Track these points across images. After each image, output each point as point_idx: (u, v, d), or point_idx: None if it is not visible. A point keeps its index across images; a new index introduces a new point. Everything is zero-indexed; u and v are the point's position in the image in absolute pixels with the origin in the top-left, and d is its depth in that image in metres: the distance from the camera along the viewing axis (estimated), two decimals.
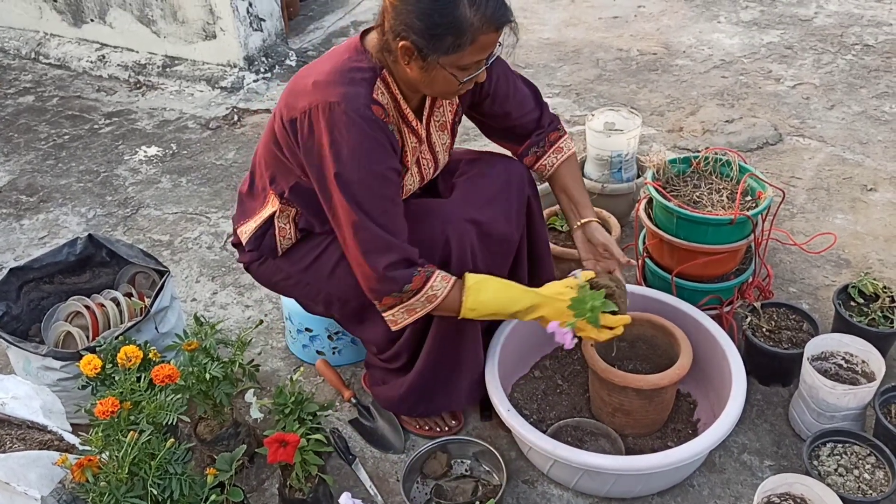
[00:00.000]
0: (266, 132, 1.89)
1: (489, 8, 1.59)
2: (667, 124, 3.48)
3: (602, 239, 1.98)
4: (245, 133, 3.72)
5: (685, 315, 2.10)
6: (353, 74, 1.69)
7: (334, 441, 2.06)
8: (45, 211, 3.24)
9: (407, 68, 1.67)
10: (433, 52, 1.61)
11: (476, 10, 1.58)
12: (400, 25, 1.61)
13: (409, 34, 1.60)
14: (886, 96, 3.56)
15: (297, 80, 1.78)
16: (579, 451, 1.80)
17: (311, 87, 1.69)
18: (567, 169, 2.06)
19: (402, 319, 1.79)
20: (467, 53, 1.63)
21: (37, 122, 3.95)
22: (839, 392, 1.90)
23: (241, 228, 2.00)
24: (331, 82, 1.68)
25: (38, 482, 1.62)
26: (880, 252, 2.64)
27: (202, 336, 1.92)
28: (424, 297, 1.74)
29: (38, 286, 2.32)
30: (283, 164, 1.83)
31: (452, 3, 1.57)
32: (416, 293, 1.73)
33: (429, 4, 1.57)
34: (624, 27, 4.44)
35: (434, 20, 1.57)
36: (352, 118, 1.64)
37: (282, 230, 1.93)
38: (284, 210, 1.89)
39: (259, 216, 1.93)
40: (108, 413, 1.62)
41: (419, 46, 1.61)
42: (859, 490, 1.78)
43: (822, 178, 3.05)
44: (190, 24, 4.16)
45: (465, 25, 1.58)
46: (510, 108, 1.98)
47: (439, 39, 1.59)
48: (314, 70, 1.75)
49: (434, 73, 1.66)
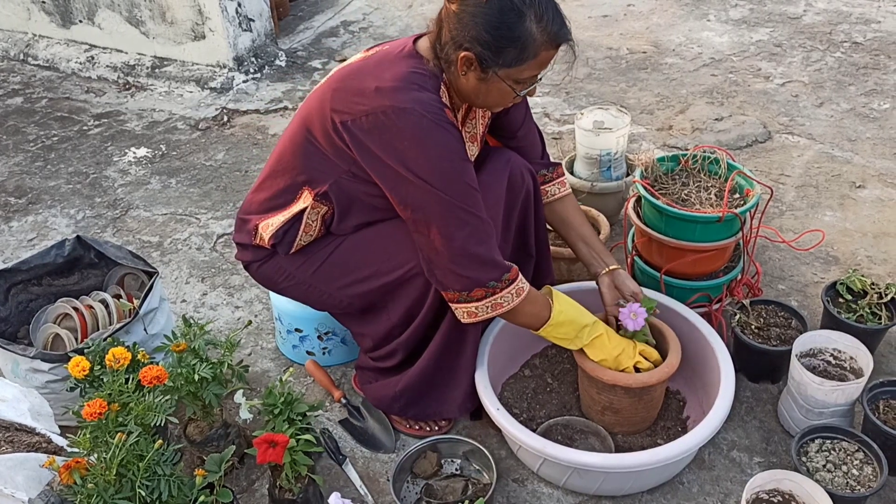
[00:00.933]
0: (293, 132, 1.87)
1: (554, 25, 1.65)
2: (656, 123, 3.48)
3: (633, 288, 2.02)
4: (235, 134, 3.71)
5: (674, 313, 2.10)
6: (419, 81, 1.70)
7: (324, 441, 2.05)
8: (34, 213, 3.23)
9: (463, 78, 1.70)
10: (495, 64, 1.65)
11: (541, 26, 1.63)
12: (463, 36, 1.64)
13: (474, 45, 1.63)
14: (875, 93, 3.57)
15: (344, 82, 1.76)
16: (568, 450, 1.81)
17: (373, 92, 1.68)
18: (575, 210, 2.16)
19: (484, 313, 1.80)
20: (527, 67, 1.68)
21: (25, 124, 3.94)
22: (827, 388, 1.90)
23: (265, 223, 1.94)
24: (399, 88, 1.67)
25: (26, 484, 1.61)
26: (869, 249, 2.65)
27: (191, 337, 1.92)
28: (515, 290, 1.78)
29: (26, 288, 2.31)
30: (322, 163, 1.82)
31: (519, 18, 1.61)
32: (511, 283, 1.77)
33: (496, 17, 1.61)
34: (614, 26, 4.45)
35: (501, 33, 1.62)
36: (431, 120, 1.66)
37: (308, 226, 1.91)
38: (316, 207, 1.87)
39: (288, 211, 1.90)
40: (96, 415, 1.61)
41: (482, 58, 1.64)
42: (847, 486, 1.79)
43: (810, 175, 3.06)
44: (179, 24, 4.14)
45: (529, 40, 1.63)
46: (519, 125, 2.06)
47: (503, 52, 1.64)
48: (368, 74, 1.73)
49: (490, 85, 1.70)
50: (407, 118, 1.65)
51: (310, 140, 1.82)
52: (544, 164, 2.13)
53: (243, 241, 2.02)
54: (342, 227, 1.90)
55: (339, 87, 1.76)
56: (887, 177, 3.01)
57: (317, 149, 1.81)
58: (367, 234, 1.89)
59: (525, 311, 1.83)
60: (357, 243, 1.91)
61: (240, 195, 3.20)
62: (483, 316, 1.81)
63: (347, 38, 4.57)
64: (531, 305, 1.83)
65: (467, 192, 1.71)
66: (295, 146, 1.86)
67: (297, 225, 1.90)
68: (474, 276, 1.75)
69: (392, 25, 4.66)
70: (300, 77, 4.17)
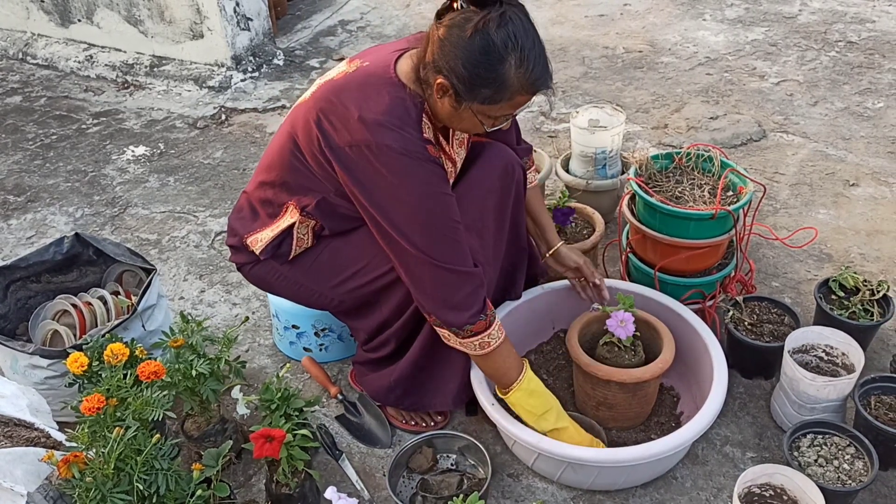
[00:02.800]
0: (280, 144, 1.87)
1: (534, 73, 1.63)
2: (652, 121, 3.50)
3: (573, 263, 2.15)
4: (233, 132, 3.72)
5: (668, 309, 2.12)
6: (401, 115, 1.68)
7: (321, 436, 2.07)
8: (33, 211, 3.24)
9: (439, 101, 1.70)
10: (468, 99, 1.64)
11: (521, 72, 1.61)
12: (443, 64, 1.63)
13: (451, 76, 1.62)
14: (869, 92, 3.59)
15: (329, 102, 1.73)
16: (563, 444, 1.82)
17: (356, 123, 1.67)
18: (536, 193, 2.20)
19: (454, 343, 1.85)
20: (500, 108, 1.67)
21: (24, 123, 3.95)
22: (819, 384, 1.92)
23: (253, 237, 1.96)
24: (381, 124, 1.66)
25: (25, 478, 1.63)
26: (861, 246, 2.67)
27: (189, 333, 1.93)
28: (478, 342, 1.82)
29: (25, 285, 2.32)
30: (308, 179, 1.83)
31: (499, 61, 1.59)
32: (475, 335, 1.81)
33: (477, 55, 1.59)
34: (610, 25, 4.47)
35: (478, 71, 1.60)
36: (412, 158, 1.66)
37: (300, 240, 1.93)
38: (305, 221, 1.89)
39: (276, 226, 1.91)
40: (95, 409, 1.63)
41: (457, 90, 1.63)
42: (839, 480, 1.80)
43: (804, 173, 3.07)
44: (177, 23, 4.16)
45: (505, 84, 1.62)
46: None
47: (477, 90, 1.63)
48: (351, 98, 1.71)
49: (462, 115, 1.70)
50: (389, 157, 1.65)
51: (296, 155, 1.82)
52: (524, 149, 2.15)
53: (235, 245, 2.03)
54: (333, 234, 1.93)
55: (324, 108, 1.74)
56: (881, 175, 3.02)
57: (304, 165, 1.82)
58: (356, 235, 1.91)
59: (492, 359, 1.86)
60: (346, 243, 1.92)
61: (238, 193, 3.20)
62: (453, 344, 1.85)
63: (345, 37, 4.59)
64: (498, 359, 1.86)
65: (446, 243, 1.73)
66: (283, 159, 1.86)
67: (289, 240, 1.92)
68: (442, 318, 1.79)
69: (390, 25, 4.67)
70: (298, 76, 4.19)
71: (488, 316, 1.81)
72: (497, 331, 1.84)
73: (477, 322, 1.79)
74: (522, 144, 2.16)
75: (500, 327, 1.85)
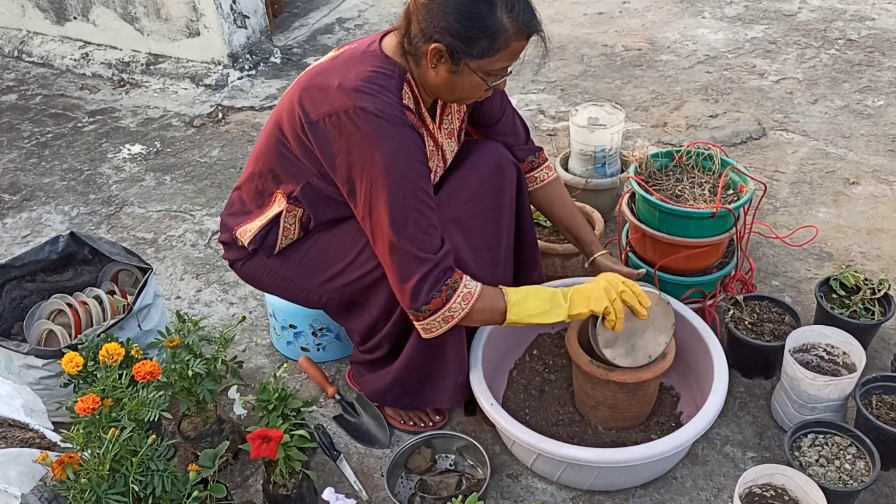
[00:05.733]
0: (267, 134, 1.87)
1: (525, 15, 1.65)
2: (651, 120, 3.49)
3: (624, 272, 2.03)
4: (229, 130, 3.71)
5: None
6: (380, 81, 1.69)
7: (318, 437, 2.06)
8: (29, 209, 3.23)
9: (433, 71, 1.69)
10: (466, 56, 1.64)
11: (512, 16, 1.63)
12: (433, 27, 1.63)
13: (444, 36, 1.62)
14: (869, 90, 3.58)
15: (312, 81, 1.76)
16: (562, 445, 1.81)
17: (335, 90, 1.68)
18: (562, 195, 2.16)
19: (437, 328, 1.79)
20: (498, 59, 1.67)
21: (20, 121, 3.93)
22: (820, 383, 1.91)
23: (242, 228, 1.96)
24: (359, 89, 1.67)
25: (19, 480, 1.61)
26: (862, 245, 2.66)
27: (185, 333, 1.92)
28: (462, 296, 1.75)
29: (20, 284, 2.30)
30: (293, 164, 1.82)
31: (490, 8, 1.61)
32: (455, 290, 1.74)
33: (467, 7, 1.61)
34: (609, 23, 4.45)
35: (472, 23, 1.61)
36: (389, 121, 1.65)
37: (286, 230, 1.92)
38: (292, 210, 1.88)
39: (264, 216, 1.91)
40: (90, 410, 1.61)
41: (452, 49, 1.63)
42: (840, 480, 1.79)
43: (805, 172, 3.06)
44: (173, 21, 4.14)
45: (500, 30, 1.63)
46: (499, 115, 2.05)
47: (474, 42, 1.63)
48: (334, 73, 1.73)
49: (461, 77, 1.69)
50: (365, 119, 1.65)
51: (282, 141, 1.82)
52: (530, 149, 2.12)
53: (227, 241, 2.03)
54: (319, 227, 1.91)
55: (307, 86, 1.76)
56: (881, 173, 3.01)
57: (288, 150, 1.82)
58: (341, 230, 1.89)
59: (480, 308, 1.78)
60: (332, 239, 1.91)
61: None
62: (437, 331, 1.79)
63: (343, 34, 4.57)
64: (482, 301, 1.78)
65: (417, 190, 1.70)
66: (269, 148, 1.87)
67: (276, 229, 1.92)
68: (401, 299, 1.76)
69: (387, 22, 4.65)
70: (295, 74, 4.16)
71: (443, 292, 1.74)
72: (459, 303, 1.75)
73: (431, 301, 1.74)
74: (530, 144, 2.14)
75: (466, 297, 1.75)
